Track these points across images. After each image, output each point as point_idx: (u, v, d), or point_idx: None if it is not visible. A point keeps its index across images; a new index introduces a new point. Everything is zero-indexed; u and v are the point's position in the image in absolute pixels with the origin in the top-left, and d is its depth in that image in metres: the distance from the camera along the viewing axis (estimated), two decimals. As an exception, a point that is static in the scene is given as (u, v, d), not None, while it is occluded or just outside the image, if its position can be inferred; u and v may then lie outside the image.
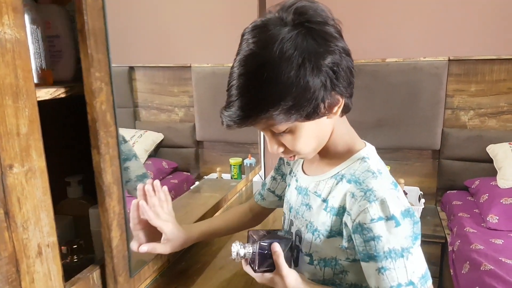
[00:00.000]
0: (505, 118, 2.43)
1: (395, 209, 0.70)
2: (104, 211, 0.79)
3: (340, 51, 0.70)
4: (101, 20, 0.75)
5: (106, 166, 0.78)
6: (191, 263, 1.16)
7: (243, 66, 0.68)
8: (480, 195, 2.22)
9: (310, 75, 0.66)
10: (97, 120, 0.75)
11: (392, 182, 0.76)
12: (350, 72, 0.73)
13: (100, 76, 0.75)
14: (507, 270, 1.63)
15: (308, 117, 0.71)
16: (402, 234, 0.70)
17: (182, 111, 2.45)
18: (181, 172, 2.37)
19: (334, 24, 0.71)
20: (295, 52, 0.66)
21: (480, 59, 2.38)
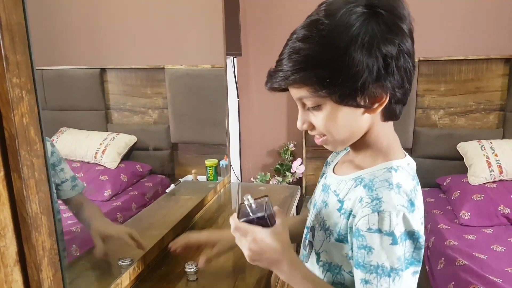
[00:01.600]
0: (474, 117, 2.51)
1: (397, 227, 0.66)
2: (31, 248, 0.64)
3: (402, 48, 0.67)
4: (19, 13, 0.60)
5: (30, 194, 0.63)
6: (172, 266, 1.13)
7: (302, 29, 0.69)
8: (452, 192, 2.28)
9: (359, 53, 0.65)
10: (17, 137, 0.61)
11: (409, 201, 0.69)
12: (406, 75, 0.70)
13: (20, 82, 0.61)
14: (481, 264, 1.68)
15: (341, 99, 0.68)
16: (396, 254, 0.66)
17: (156, 113, 2.41)
18: (156, 175, 2.33)
19: (409, 24, 0.69)
20: (355, 26, 0.65)
21: (449, 59, 2.46)
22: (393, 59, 0.67)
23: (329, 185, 0.84)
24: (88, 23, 1.34)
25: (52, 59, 1.17)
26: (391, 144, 0.78)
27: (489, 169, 2.21)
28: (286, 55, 0.69)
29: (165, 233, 1.21)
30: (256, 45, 2.84)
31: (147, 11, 2.00)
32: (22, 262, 0.65)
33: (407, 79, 0.70)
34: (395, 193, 0.68)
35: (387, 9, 0.67)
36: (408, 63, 0.69)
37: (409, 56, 0.69)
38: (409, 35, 0.69)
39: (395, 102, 0.72)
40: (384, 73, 0.67)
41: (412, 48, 0.70)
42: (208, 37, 2.07)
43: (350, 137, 0.76)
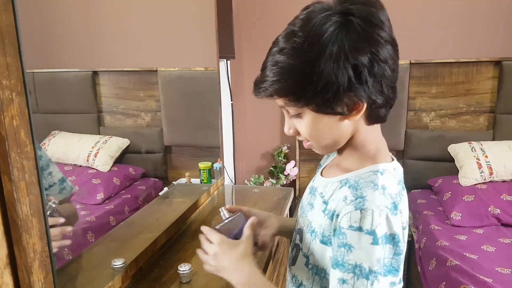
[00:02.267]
0: (464, 119, 2.53)
1: (379, 227, 0.65)
2: (21, 251, 0.65)
3: (377, 56, 0.66)
4: (9, 15, 0.61)
5: (21, 196, 0.64)
6: (165, 269, 1.13)
7: (281, 38, 0.70)
8: (443, 193, 2.30)
9: (328, 64, 0.65)
10: (7, 139, 0.61)
11: (393, 203, 0.69)
12: (384, 81, 0.69)
13: (9, 84, 0.61)
14: (472, 264, 1.69)
15: (318, 108, 0.70)
16: (376, 255, 0.65)
17: (149, 115, 2.40)
18: (149, 178, 2.32)
19: (387, 30, 0.69)
20: (324, 37, 0.65)
21: (440, 62, 2.48)
22: (365, 67, 0.66)
23: (316, 188, 0.84)
24: (80, 25, 1.34)
25: (44, 62, 1.17)
26: (378, 147, 0.78)
27: (479, 170, 2.23)
28: (268, 66, 0.71)
29: (158, 235, 1.21)
30: (249, 47, 2.85)
31: (140, 14, 2.00)
32: (12, 265, 0.65)
33: (386, 85, 0.69)
34: (380, 194, 0.68)
35: (361, 17, 0.66)
36: (385, 70, 0.68)
37: (385, 63, 0.68)
38: (388, 42, 0.68)
39: (377, 107, 0.72)
40: (356, 82, 0.66)
41: (391, 54, 0.69)
42: (201, 40, 2.08)
43: (334, 143, 0.77)
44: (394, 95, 0.73)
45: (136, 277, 1.08)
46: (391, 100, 0.73)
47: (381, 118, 0.75)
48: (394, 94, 0.73)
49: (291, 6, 2.79)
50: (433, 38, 2.49)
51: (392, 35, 0.70)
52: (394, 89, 0.73)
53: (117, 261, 1.03)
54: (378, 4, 0.69)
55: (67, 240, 0.95)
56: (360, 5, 0.67)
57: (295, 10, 0.73)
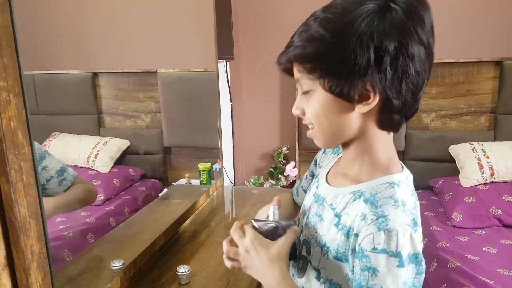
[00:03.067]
0: (465, 119, 2.53)
1: (404, 248, 0.62)
2: (19, 252, 0.65)
3: (405, 49, 0.63)
4: (6, 17, 0.61)
5: (18, 197, 0.64)
6: (163, 270, 1.13)
7: (316, 12, 0.69)
8: (444, 194, 2.29)
9: (351, 40, 0.62)
10: (4, 141, 0.61)
11: (413, 220, 0.66)
12: (405, 79, 0.64)
13: (7, 85, 0.61)
14: (473, 266, 1.68)
15: (329, 86, 0.67)
16: (402, 278, 0.62)
17: (149, 117, 2.40)
18: (149, 179, 2.32)
19: (427, 33, 0.65)
20: (356, 13, 0.63)
21: (440, 62, 2.47)
22: (388, 55, 0.62)
23: (324, 198, 0.79)
24: (80, 27, 1.34)
25: (44, 64, 1.17)
26: (390, 156, 0.74)
27: (480, 171, 2.22)
28: (298, 32, 0.70)
29: (157, 237, 1.21)
30: (249, 49, 2.85)
31: (139, 15, 2.00)
32: (10, 267, 0.64)
33: (406, 85, 0.65)
34: (401, 211, 0.64)
35: (403, 8, 0.64)
36: (409, 67, 0.63)
37: (412, 60, 0.64)
38: (421, 43, 0.65)
39: (391, 110, 0.67)
40: (374, 67, 0.63)
41: (422, 56, 0.65)
42: (200, 41, 2.08)
43: (336, 133, 0.73)
44: (414, 104, 0.68)
45: (135, 279, 1.08)
46: (408, 107, 0.68)
47: (394, 125, 0.71)
48: (414, 103, 0.68)
49: (290, 8, 2.81)
50: (433, 39, 2.49)
51: (430, 40, 0.67)
52: (415, 95, 0.67)
53: (116, 263, 1.02)
54: (425, 4, 0.67)
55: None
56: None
57: (294, 12, 0.73)
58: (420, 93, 0.68)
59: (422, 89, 0.68)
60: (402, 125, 0.71)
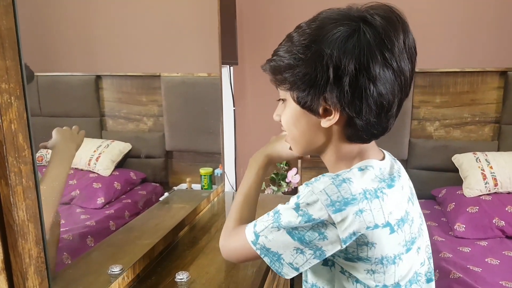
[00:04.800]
0: (469, 129, 2.52)
1: (303, 199, 0.68)
2: (17, 256, 0.65)
3: (366, 72, 0.64)
4: (10, 19, 0.62)
5: (17, 201, 0.64)
6: (162, 277, 1.12)
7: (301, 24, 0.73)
8: (447, 204, 2.28)
9: (314, 56, 0.66)
10: (5, 143, 0.62)
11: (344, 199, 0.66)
12: (365, 100, 0.66)
13: (8, 88, 0.62)
14: (475, 277, 1.67)
15: (296, 97, 0.72)
16: (287, 216, 0.70)
17: (151, 120, 2.40)
18: (150, 183, 2.32)
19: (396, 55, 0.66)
20: (325, 30, 0.67)
21: (444, 71, 2.48)
22: (347, 75, 0.64)
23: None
24: (84, 30, 1.35)
25: (47, 66, 1.17)
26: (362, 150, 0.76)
27: (484, 181, 2.22)
28: (282, 43, 0.75)
29: (156, 242, 1.20)
30: (252, 54, 2.86)
31: (144, 19, 2.01)
32: (8, 270, 0.64)
33: (367, 107, 0.66)
34: (330, 184, 0.68)
35: (373, 30, 0.65)
36: (369, 89, 0.65)
37: (374, 83, 0.65)
38: (390, 66, 0.65)
39: (356, 129, 0.70)
40: (333, 85, 0.66)
41: (388, 80, 0.66)
42: (204, 46, 2.08)
43: (306, 142, 0.78)
44: (380, 124, 0.70)
45: (133, 285, 1.07)
46: (373, 127, 0.70)
47: (362, 140, 0.74)
48: (380, 123, 0.70)
49: (295, 14, 2.81)
50: (438, 47, 2.49)
51: (401, 63, 0.67)
52: (379, 116, 0.68)
53: (114, 268, 1.01)
54: (398, 26, 0.67)
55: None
56: (379, 18, 0.66)
57: (299, 17, 0.75)
58: (387, 114, 0.69)
59: (390, 110, 0.69)
60: (372, 140, 0.75)
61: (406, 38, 0.68)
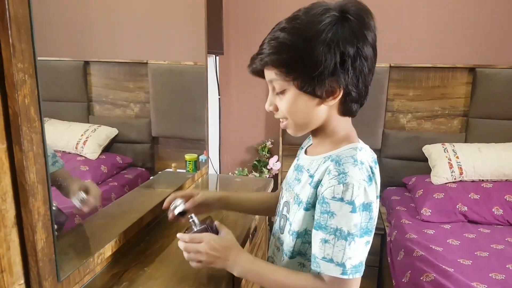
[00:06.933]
0: (439, 121, 2.67)
1: (358, 198, 0.77)
2: (28, 212, 0.74)
3: (361, 52, 0.78)
4: (25, 7, 0.70)
5: (29, 164, 0.73)
6: (150, 244, 1.23)
7: (284, 20, 0.82)
8: (416, 190, 2.42)
9: (320, 46, 0.76)
10: (19, 115, 0.70)
11: (368, 176, 0.81)
12: (361, 76, 0.81)
13: (23, 67, 0.70)
14: (436, 256, 1.81)
15: (302, 86, 0.80)
16: (354, 221, 0.77)
17: (138, 106, 2.45)
18: (136, 168, 2.38)
19: (373, 35, 0.81)
20: (322, 24, 0.77)
21: (418, 66, 2.60)
22: (349, 58, 0.78)
23: (303, 165, 0.95)
24: (73, 16, 1.38)
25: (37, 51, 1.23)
26: (348, 134, 0.90)
27: (450, 170, 2.36)
28: (267, 41, 0.83)
29: (144, 214, 1.30)
30: (238, 44, 2.93)
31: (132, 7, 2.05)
32: (19, 225, 0.74)
33: (361, 81, 0.82)
34: (359, 169, 0.80)
35: (356, 17, 0.79)
36: (364, 66, 0.80)
37: (366, 60, 0.80)
38: (371, 44, 0.81)
39: (351, 100, 0.84)
40: (339, 69, 0.79)
41: (371, 55, 0.82)
42: (191, 35, 2.14)
43: (307, 123, 0.88)
44: (366, 94, 0.86)
45: (124, 250, 1.17)
46: (363, 97, 0.86)
47: (352, 112, 0.87)
48: (366, 94, 0.86)
49: (280, 5, 2.89)
50: (412, 44, 2.62)
51: (375, 41, 0.83)
52: (367, 88, 0.85)
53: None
54: (370, 12, 0.82)
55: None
56: (356, 8, 0.80)
57: (285, 8, 0.84)
58: (370, 84, 0.85)
59: (371, 82, 0.85)
60: (358, 111, 0.88)
61: (374, 20, 0.83)
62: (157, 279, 1.04)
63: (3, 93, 0.69)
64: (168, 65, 2.38)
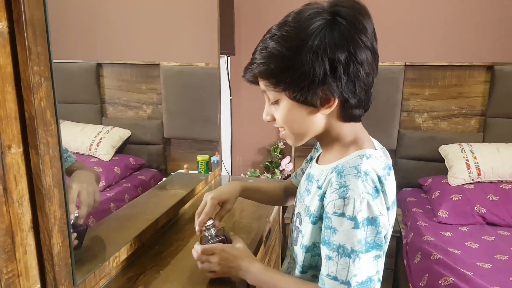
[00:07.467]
0: (456, 121, 2.62)
1: (360, 213, 0.72)
2: (44, 216, 0.74)
3: (355, 59, 0.73)
4: (40, 10, 0.69)
5: (45, 168, 0.72)
6: (165, 246, 1.22)
7: (275, 27, 0.79)
8: (432, 192, 2.38)
9: (307, 55, 0.72)
10: (36, 118, 0.70)
11: (375, 187, 0.75)
12: (358, 82, 0.76)
13: (39, 70, 0.70)
14: (454, 259, 1.78)
15: (294, 96, 0.77)
16: (357, 237, 0.72)
17: (150, 108, 2.46)
18: (149, 169, 2.38)
19: (370, 38, 0.76)
20: (309, 30, 0.73)
21: (434, 65, 2.56)
22: (340, 64, 0.73)
23: (313, 175, 0.92)
24: (85, 18, 1.39)
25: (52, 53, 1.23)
26: (356, 138, 0.85)
27: (468, 171, 2.32)
28: (258, 50, 0.80)
29: (158, 216, 1.29)
30: (249, 45, 2.89)
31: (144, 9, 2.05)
32: (35, 229, 0.73)
33: (359, 86, 0.76)
34: (361, 181, 0.75)
35: (347, 19, 0.74)
36: (359, 71, 0.75)
37: (361, 65, 0.75)
38: (367, 48, 0.75)
39: (350, 107, 0.79)
40: (331, 77, 0.74)
41: (369, 60, 0.76)
42: (203, 36, 2.13)
43: (305, 132, 0.85)
44: (368, 99, 0.81)
45: (139, 252, 1.17)
46: (364, 102, 0.81)
47: (355, 118, 0.83)
48: (368, 98, 0.81)
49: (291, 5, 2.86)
50: (428, 42, 2.58)
51: (374, 44, 0.78)
52: (368, 93, 0.80)
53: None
54: (365, 12, 0.77)
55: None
56: (348, 10, 0.75)
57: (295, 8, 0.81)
58: (370, 90, 0.80)
59: (372, 85, 0.80)
60: (363, 116, 0.84)
61: (371, 22, 0.78)
62: (172, 281, 1.03)
63: (19, 96, 0.68)
64: (180, 66, 2.38)
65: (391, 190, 0.81)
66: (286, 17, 0.78)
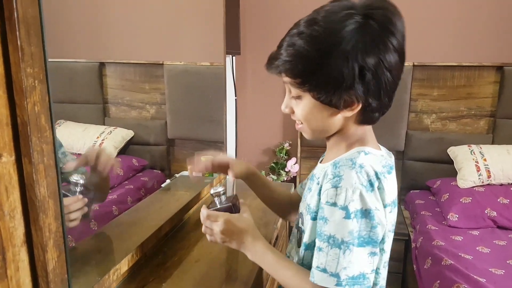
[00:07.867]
0: (465, 122, 2.57)
1: (352, 203, 0.71)
2: (38, 230, 0.68)
3: (383, 62, 0.71)
4: (35, 7, 0.64)
5: (39, 178, 0.67)
6: (168, 256, 1.17)
7: (303, 23, 0.75)
8: (441, 194, 2.33)
9: (338, 59, 0.70)
10: (29, 124, 0.64)
11: (369, 181, 0.74)
12: (383, 88, 0.74)
13: (33, 72, 0.65)
14: (466, 264, 1.73)
15: (318, 97, 0.75)
16: (348, 228, 0.71)
17: (154, 108, 2.43)
18: (152, 170, 2.35)
19: (400, 40, 0.73)
20: (341, 33, 0.70)
21: (442, 65, 2.51)
22: (370, 71, 0.71)
23: (315, 174, 0.90)
24: (88, 17, 1.36)
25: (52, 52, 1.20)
26: (363, 138, 0.83)
27: (477, 173, 2.27)
28: (284, 45, 0.76)
29: (162, 224, 1.25)
30: (255, 44, 2.88)
31: (148, 7, 2.02)
32: (29, 243, 0.68)
33: (384, 92, 0.74)
34: (356, 172, 0.74)
35: (379, 22, 0.71)
36: (386, 77, 0.73)
37: (389, 71, 0.73)
38: (396, 51, 0.73)
39: (371, 111, 0.77)
40: (358, 82, 0.72)
41: (397, 64, 0.74)
42: (208, 35, 2.10)
43: (322, 130, 0.83)
44: (390, 103, 0.78)
45: (141, 263, 1.12)
46: (385, 107, 0.79)
47: (372, 121, 0.81)
48: (390, 102, 0.78)
49: (297, 5, 2.83)
50: (436, 42, 2.53)
51: (403, 45, 0.75)
52: (391, 97, 0.78)
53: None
54: (397, 12, 0.74)
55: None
56: (381, 11, 0.72)
57: (302, 8, 0.77)
58: (394, 93, 0.78)
59: (396, 89, 0.77)
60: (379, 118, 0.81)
61: (402, 22, 0.75)
62: (176, 294, 0.98)
63: (11, 101, 0.63)
64: (184, 66, 2.34)
65: (390, 189, 0.80)
66: (316, 13, 0.75)
